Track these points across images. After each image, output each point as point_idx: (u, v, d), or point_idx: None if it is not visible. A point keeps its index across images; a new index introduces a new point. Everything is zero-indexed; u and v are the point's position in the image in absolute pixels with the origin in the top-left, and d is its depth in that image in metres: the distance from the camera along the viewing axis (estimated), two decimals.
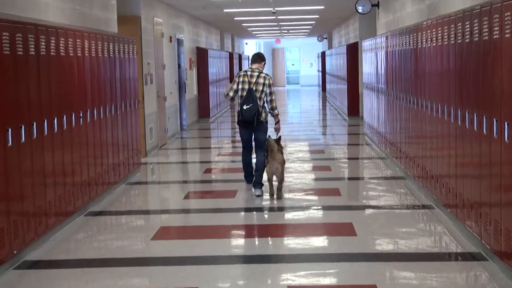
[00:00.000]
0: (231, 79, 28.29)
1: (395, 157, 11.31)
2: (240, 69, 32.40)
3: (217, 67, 23.39)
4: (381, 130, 13.00)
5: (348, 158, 13.29)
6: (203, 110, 21.31)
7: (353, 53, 20.04)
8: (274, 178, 9.38)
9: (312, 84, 45.23)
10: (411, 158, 9.89)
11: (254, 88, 9.37)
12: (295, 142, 15.26)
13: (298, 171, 11.44)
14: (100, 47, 9.43)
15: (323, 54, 34.63)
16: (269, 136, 9.57)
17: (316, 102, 31.04)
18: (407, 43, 10.05)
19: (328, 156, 13.35)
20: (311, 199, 9.35)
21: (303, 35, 37.44)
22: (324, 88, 33.96)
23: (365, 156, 13.45)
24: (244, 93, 9.37)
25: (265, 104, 9.53)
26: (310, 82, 46.28)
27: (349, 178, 11.18)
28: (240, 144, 9.93)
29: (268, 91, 9.44)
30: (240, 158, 10.44)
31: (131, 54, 11.25)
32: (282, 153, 9.38)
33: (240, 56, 33.06)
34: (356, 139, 16.24)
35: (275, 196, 9.31)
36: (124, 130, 10.63)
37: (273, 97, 9.50)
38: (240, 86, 9.44)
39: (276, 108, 9.55)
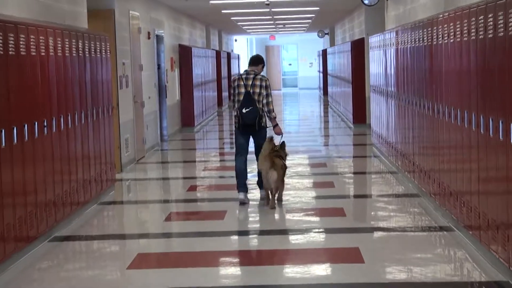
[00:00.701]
0: (219, 81, 28.30)
1: (408, 171, 11.30)
2: (229, 70, 32.43)
3: (202, 67, 23.40)
4: (391, 140, 13.00)
5: (354, 173, 13.29)
6: (187, 117, 21.29)
7: (358, 51, 20.07)
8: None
9: (312, 86, 45.31)
10: (426, 172, 9.87)
11: (251, 91, 10.11)
12: (293, 155, 15.21)
13: (296, 188, 11.42)
14: (67, 45, 9.39)
15: (324, 52, 34.70)
16: (271, 137, 10.14)
17: (316, 108, 31.05)
18: (421, 39, 10.05)
19: (330, 170, 13.34)
20: (311, 220, 9.32)
21: (301, 30, 37.47)
22: (325, 92, 34.01)
23: (373, 170, 13.46)
24: (241, 97, 10.12)
25: (264, 108, 10.21)
26: (309, 84, 46.37)
27: (355, 196, 11.17)
28: (231, 158, 9.95)
29: (264, 93, 10.17)
30: (229, 173, 10.41)
31: (103, 53, 11.22)
32: (284, 160, 10.04)
33: (228, 55, 33.10)
34: (362, 150, 16.23)
35: (269, 206, 9.83)
36: (95, 142, 10.59)
37: (270, 99, 10.21)
38: (236, 91, 10.21)
39: (273, 111, 10.22)
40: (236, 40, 43.37)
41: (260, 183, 10.40)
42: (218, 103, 28.35)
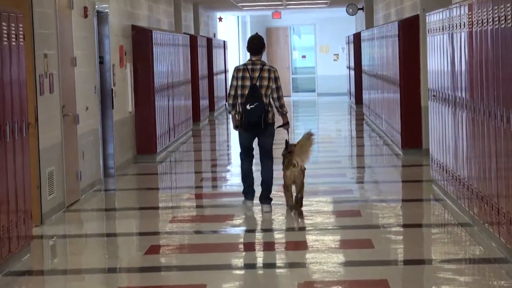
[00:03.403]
0: (195, 83, 28.27)
1: (489, 223, 11.26)
2: (210, 64, 32.48)
3: (169, 61, 23.41)
4: (461, 174, 12.98)
5: (404, 225, 13.32)
6: (145, 139, 21.22)
7: (410, 36, 20.11)
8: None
9: (339, 91, 45.38)
10: None
11: (258, 84, 13.16)
12: (311, 197, 15.15)
13: (316, 249, 11.49)
14: None
15: (357, 39, 34.82)
16: (310, 130, 13.27)
17: (345, 124, 31.13)
18: (509, 17, 10.02)
19: (367, 221, 13.35)
20: None
21: (321, 4, 37.60)
22: (359, 99, 34.08)
23: (433, 221, 13.52)
24: (246, 91, 13.17)
25: (272, 102, 13.20)
26: (334, 88, 46.44)
27: (406, 262, 11.20)
28: (213, 202, 9.93)
29: (274, 86, 13.28)
30: (209, 226, 10.36)
31: (13, 40, 11.19)
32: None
33: (209, 42, 33.16)
34: (417, 190, 16.30)
35: (294, 211, 13.11)
36: (0, 178, 10.53)
37: (281, 93, 13.35)
38: (239, 83, 13.24)
39: (285, 106, 13.44)
40: (221, 19, 43.51)
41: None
42: (194, 117, 28.29)
